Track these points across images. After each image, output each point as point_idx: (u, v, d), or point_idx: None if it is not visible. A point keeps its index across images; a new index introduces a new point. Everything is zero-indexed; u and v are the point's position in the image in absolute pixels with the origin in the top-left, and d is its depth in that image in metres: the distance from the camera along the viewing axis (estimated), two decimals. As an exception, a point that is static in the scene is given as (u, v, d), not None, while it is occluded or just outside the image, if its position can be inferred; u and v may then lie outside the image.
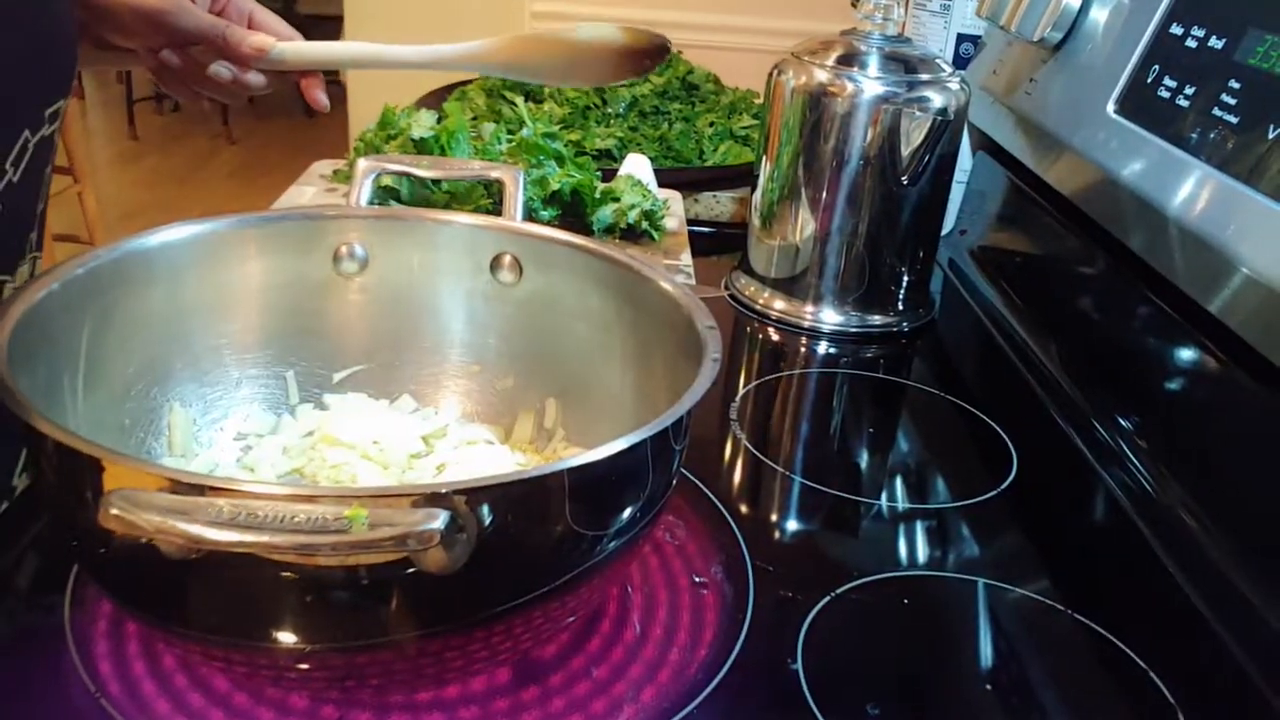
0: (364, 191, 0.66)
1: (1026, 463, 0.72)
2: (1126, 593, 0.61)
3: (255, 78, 0.69)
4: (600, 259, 0.62)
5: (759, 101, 1.40)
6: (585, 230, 0.94)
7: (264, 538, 0.31)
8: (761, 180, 0.94)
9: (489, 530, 0.38)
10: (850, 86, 0.86)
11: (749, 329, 0.93)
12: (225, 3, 0.70)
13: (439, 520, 0.33)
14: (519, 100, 1.26)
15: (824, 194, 0.89)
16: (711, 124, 1.26)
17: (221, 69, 0.68)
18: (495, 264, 0.65)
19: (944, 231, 1.04)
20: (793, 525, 0.66)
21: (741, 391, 0.79)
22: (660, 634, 0.53)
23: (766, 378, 0.82)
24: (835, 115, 0.87)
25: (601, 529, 0.44)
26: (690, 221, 1.09)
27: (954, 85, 0.87)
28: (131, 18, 0.67)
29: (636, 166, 1.03)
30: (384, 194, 0.82)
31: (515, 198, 0.66)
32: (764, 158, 0.93)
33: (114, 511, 0.31)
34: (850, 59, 0.87)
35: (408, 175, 0.68)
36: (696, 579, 0.57)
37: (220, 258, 0.60)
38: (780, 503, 0.68)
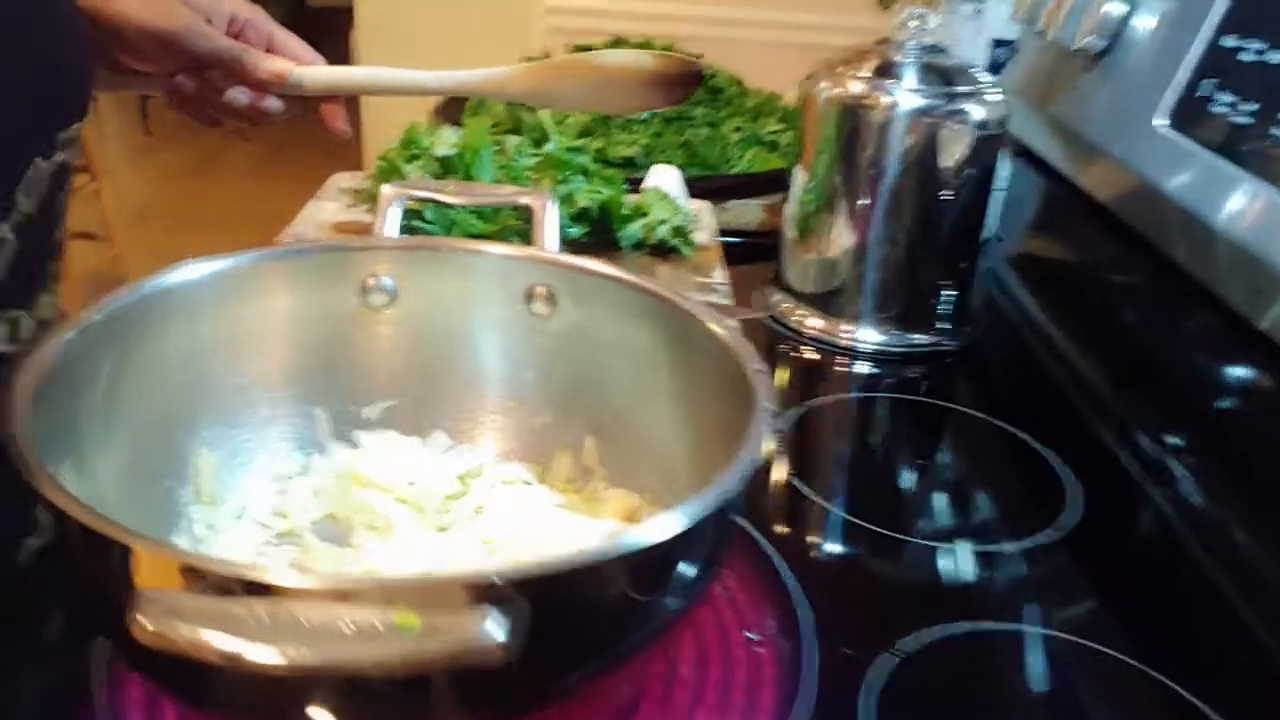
0: (390, 220, 0.63)
1: (1085, 496, 0.69)
2: (1201, 644, 0.59)
3: (273, 103, 0.67)
4: (639, 292, 0.59)
5: (784, 103, 1.37)
6: (613, 246, 0.91)
7: (308, 656, 0.29)
8: (796, 192, 0.91)
9: (543, 615, 0.36)
10: (886, 99, 0.83)
11: (784, 347, 0.90)
12: (243, 25, 0.68)
13: (499, 631, 0.31)
14: (537, 108, 1.24)
15: (861, 209, 0.87)
16: (738, 129, 1.23)
17: (238, 94, 0.66)
18: (529, 295, 0.62)
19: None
20: (845, 571, 0.63)
21: (785, 420, 0.76)
22: (714, 697, 0.51)
23: (808, 404, 0.80)
24: (871, 128, 0.84)
25: (661, 598, 0.42)
26: (718, 231, 1.07)
27: (994, 97, 0.84)
28: (143, 40, 0.65)
29: (663, 178, 1.00)
30: (408, 215, 0.80)
31: (546, 225, 0.64)
32: (798, 168, 0.90)
33: (146, 624, 0.29)
34: (886, 70, 0.85)
35: (432, 202, 0.66)
36: (749, 635, 0.54)
37: (243, 294, 0.57)
38: (831, 545, 0.65)
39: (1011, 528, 0.67)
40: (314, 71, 0.67)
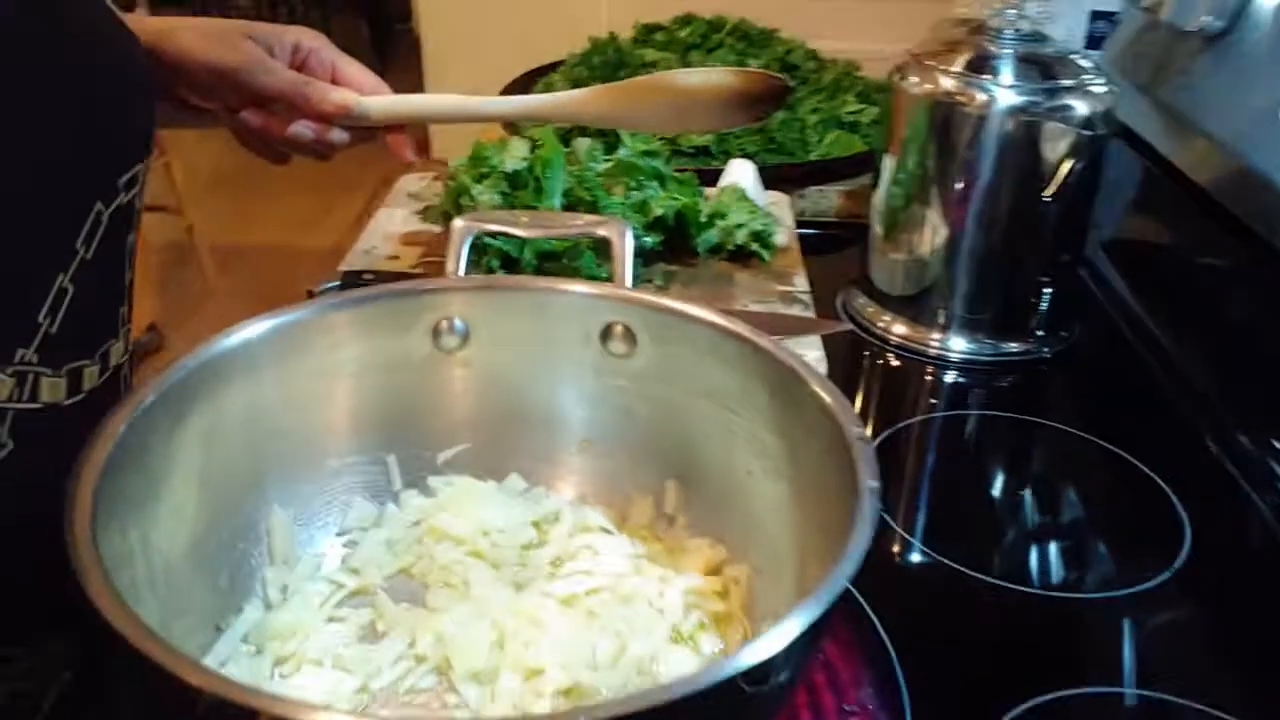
0: (462, 257, 0.61)
1: (1198, 527, 0.65)
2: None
3: (338, 135, 0.65)
4: (724, 334, 0.56)
5: (863, 75, 1.31)
6: (689, 253, 0.87)
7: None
8: (883, 184, 0.86)
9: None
10: (981, 96, 0.77)
11: (868, 355, 0.86)
12: (307, 54, 0.65)
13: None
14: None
15: (954, 209, 0.81)
16: (815, 110, 1.18)
17: (303, 129, 0.64)
18: (606, 334, 0.59)
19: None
20: (945, 625, 0.59)
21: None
22: (807, 775, 0.48)
23: (895, 427, 0.75)
24: (965, 127, 0.78)
25: (763, 695, 0.39)
26: (796, 222, 1.02)
27: (1099, 88, 0.78)
28: (207, 76, 0.63)
29: (740, 174, 0.95)
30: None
31: (624, 260, 0.61)
32: (886, 157, 0.85)
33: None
34: (981, 63, 0.79)
35: (505, 235, 0.63)
36: (846, 708, 0.51)
37: (308, 347, 0.55)
38: (930, 595, 0.61)
39: (1122, 570, 0.63)
40: (379, 101, 0.65)
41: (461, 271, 0.61)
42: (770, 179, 1.04)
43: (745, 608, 0.54)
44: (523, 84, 1.33)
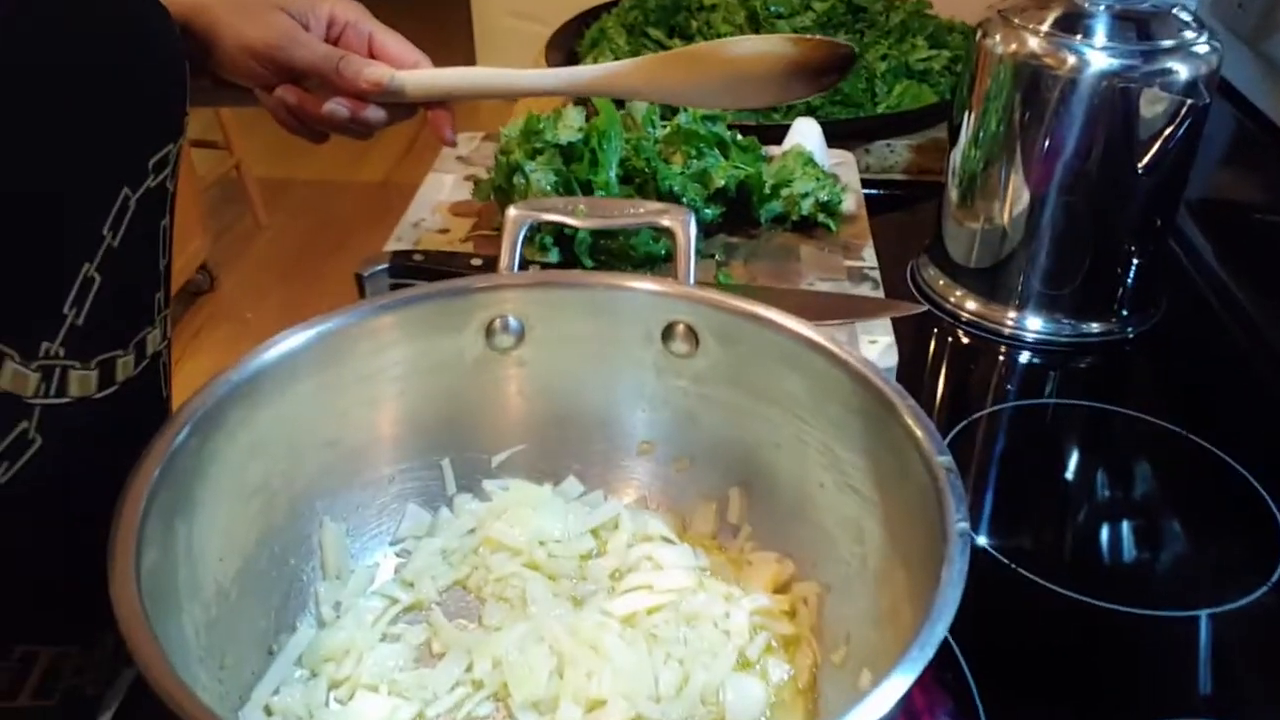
0: (516, 249, 0.57)
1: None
2: None
3: (375, 113, 0.61)
4: (793, 338, 0.52)
5: (932, 13, 1.24)
6: (752, 223, 0.83)
7: None
8: (960, 148, 0.81)
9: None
10: (1072, 59, 0.71)
11: (937, 333, 0.82)
12: (343, 27, 0.62)
13: None
14: (663, 39, 1.14)
15: (1035, 179, 0.76)
16: (884, 57, 1.11)
17: (338, 107, 0.60)
18: (668, 333, 0.56)
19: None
20: (1026, 646, 0.56)
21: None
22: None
23: (969, 418, 0.71)
24: (1054, 92, 0.73)
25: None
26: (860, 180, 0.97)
27: (1202, 49, 0.72)
28: (239, 52, 0.59)
29: (806, 133, 0.90)
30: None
31: (688, 252, 0.57)
32: (966, 118, 0.79)
33: None
34: (1071, 22, 0.73)
35: (561, 227, 0.59)
36: (922, 741, 0.49)
37: (357, 352, 0.53)
38: (1007, 611, 0.58)
39: (1212, 584, 0.59)
40: (416, 76, 0.61)
41: (515, 265, 0.57)
42: (835, 134, 0.99)
43: (815, 630, 0.52)
44: (575, 27, 1.27)
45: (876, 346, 0.69)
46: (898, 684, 0.34)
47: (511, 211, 0.58)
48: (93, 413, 0.51)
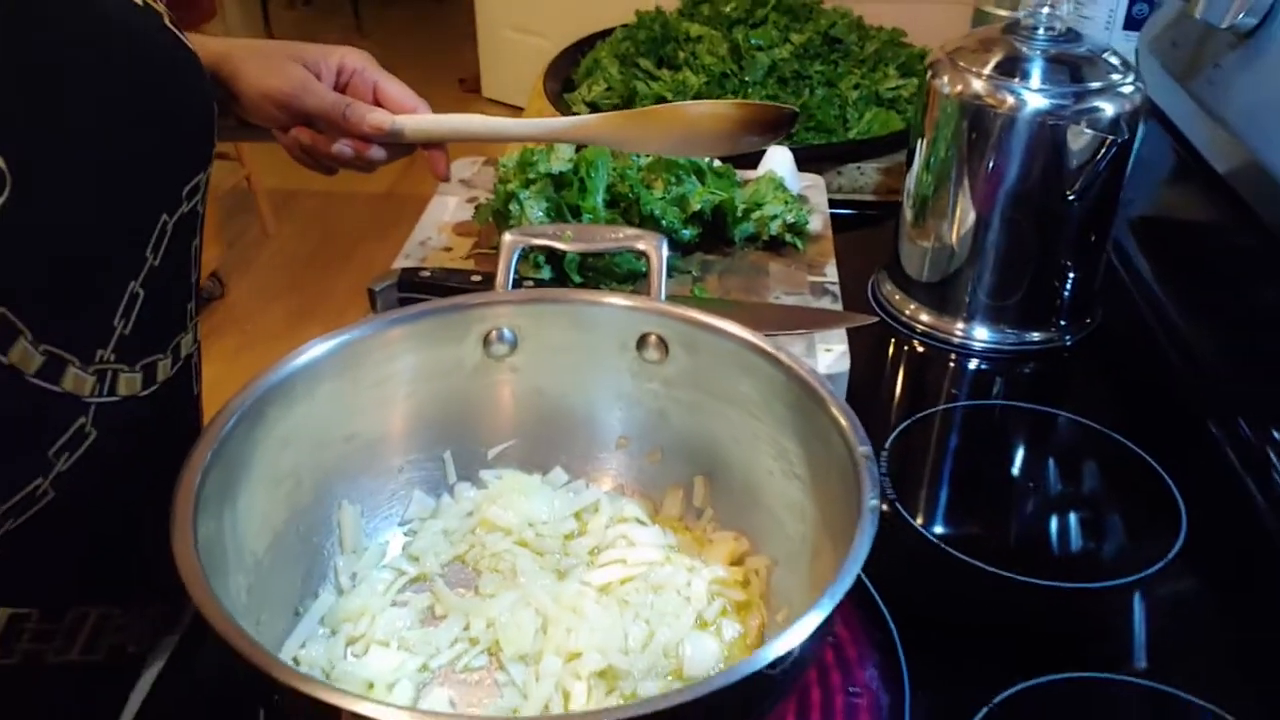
0: (511, 270, 0.66)
1: (1195, 521, 0.69)
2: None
3: (377, 153, 0.71)
4: (747, 347, 0.60)
5: (906, 43, 1.32)
6: (726, 242, 0.92)
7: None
8: (914, 172, 0.89)
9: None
10: (1010, 99, 0.80)
11: (894, 343, 0.90)
12: (350, 74, 0.71)
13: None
14: (652, 68, 1.23)
15: (979, 205, 0.85)
16: (856, 86, 1.20)
17: (344, 147, 0.70)
18: (641, 343, 0.64)
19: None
20: (948, 610, 0.65)
21: (890, 437, 0.77)
22: (814, 751, 0.54)
23: (915, 417, 0.80)
24: (994, 128, 0.81)
25: (777, 680, 0.44)
26: (831, 200, 1.05)
27: (1127, 89, 0.80)
28: (261, 99, 0.69)
29: (777, 160, 0.99)
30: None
31: (659, 272, 0.65)
32: (919, 144, 0.88)
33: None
34: (1011, 65, 0.81)
35: (551, 249, 0.68)
36: (851, 689, 0.57)
37: (372, 360, 0.61)
38: (934, 581, 0.67)
39: (1117, 561, 0.67)
40: (414, 120, 0.70)
41: (509, 283, 0.66)
42: (810, 158, 1.08)
43: (764, 596, 0.60)
44: (570, 55, 1.36)
45: (831, 354, 0.77)
46: (810, 620, 0.42)
47: (507, 237, 0.66)
48: (137, 409, 0.60)
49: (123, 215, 0.57)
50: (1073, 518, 0.72)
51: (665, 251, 0.66)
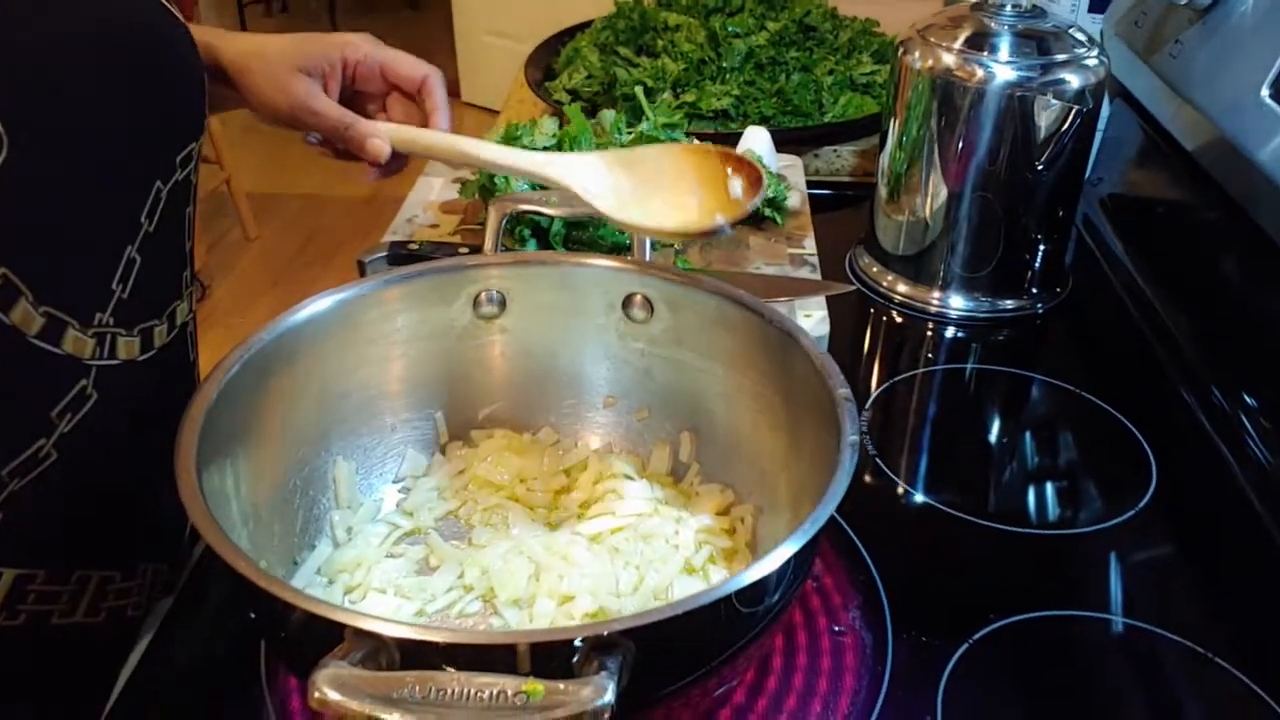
0: (499, 235, 0.68)
1: (1165, 474, 0.72)
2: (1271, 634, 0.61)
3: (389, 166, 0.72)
4: (730, 301, 0.62)
5: (878, 32, 1.35)
6: (707, 217, 0.94)
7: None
8: (888, 151, 0.92)
9: (649, 653, 0.41)
10: (980, 72, 0.83)
11: (872, 313, 0.93)
12: (355, 67, 0.72)
13: (608, 693, 0.36)
14: (632, 56, 1.25)
15: (951, 177, 0.87)
16: (831, 72, 1.23)
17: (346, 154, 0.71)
18: (627, 303, 0.66)
19: (1077, 196, 1.00)
20: (930, 558, 0.67)
21: (871, 398, 0.80)
22: (802, 684, 0.56)
23: (894, 380, 0.82)
24: (964, 101, 0.84)
25: (759, 613, 0.46)
26: (809, 181, 1.08)
27: (1091, 61, 0.83)
28: (268, 113, 0.71)
29: (756, 140, 1.01)
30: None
31: (643, 237, 0.67)
32: (892, 121, 0.91)
33: (326, 695, 0.35)
34: (979, 40, 0.84)
35: (539, 217, 0.70)
36: (836, 628, 0.59)
37: (367, 319, 0.63)
38: (914, 530, 0.69)
39: (1090, 509, 0.70)
40: (409, 136, 0.69)
41: (498, 249, 0.68)
42: (787, 140, 1.10)
43: (750, 544, 0.62)
44: (551, 46, 1.38)
45: (811, 319, 0.79)
46: (778, 555, 0.44)
47: (494, 206, 0.68)
48: (137, 373, 0.61)
49: (119, 182, 0.59)
50: (1049, 471, 0.74)
51: (649, 215, 0.68)
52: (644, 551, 0.61)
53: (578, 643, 0.40)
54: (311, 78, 0.70)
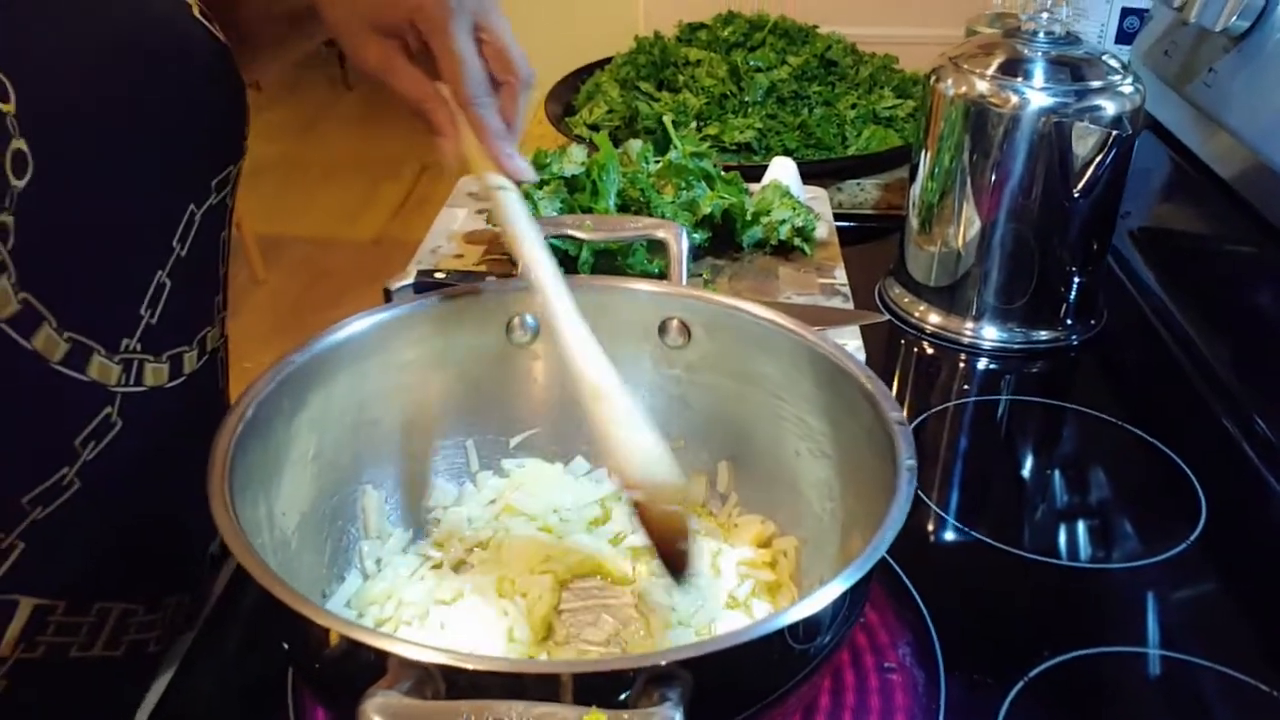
0: (531, 258, 0.66)
1: (1215, 505, 0.69)
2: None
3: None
4: (770, 325, 0.61)
5: (898, 68, 1.35)
6: (735, 247, 0.93)
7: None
8: (919, 182, 0.91)
9: (705, 684, 0.39)
10: (1014, 98, 0.82)
11: (904, 344, 0.91)
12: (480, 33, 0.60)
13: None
14: (653, 91, 1.24)
15: (987, 204, 0.86)
16: (853, 105, 1.22)
17: None
18: (663, 327, 0.64)
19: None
20: (977, 593, 0.64)
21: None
22: (851, 724, 0.54)
23: (930, 411, 0.80)
24: (998, 128, 0.83)
25: (813, 648, 0.44)
26: (834, 214, 1.06)
27: (1127, 89, 0.82)
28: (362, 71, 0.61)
29: (782, 171, 1.00)
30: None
31: (680, 259, 0.66)
32: (923, 152, 0.89)
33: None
34: (1013, 66, 0.83)
35: (568, 247, 0.68)
36: (885, 665, 0.57)
37: (401, 342, 0.61)
38: (962, 566, 0.67)
39: (1141, 544, 0.67)
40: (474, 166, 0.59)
41: (530, 271, 0.66)
42: (811, 174, 1.09)
43: (794, 577, 0.60)
44: (571, 82, 1.38)
45: (847, 349, 0.77)
46: (832, 589, 0.42)
47: (527, 226, 0.67)
48: (164, 400, 0.60)
49: (150, 204, 0.57)
50: (1095, 504, 0.72)
51: (685, 240, 0.67)
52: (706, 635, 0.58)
53: (635, 673, 0.37)
54: (388, 39, 0.60)
